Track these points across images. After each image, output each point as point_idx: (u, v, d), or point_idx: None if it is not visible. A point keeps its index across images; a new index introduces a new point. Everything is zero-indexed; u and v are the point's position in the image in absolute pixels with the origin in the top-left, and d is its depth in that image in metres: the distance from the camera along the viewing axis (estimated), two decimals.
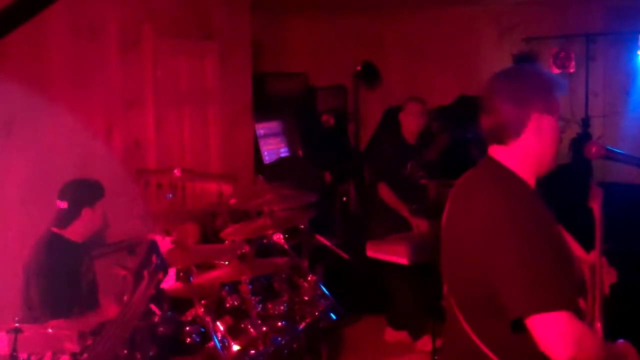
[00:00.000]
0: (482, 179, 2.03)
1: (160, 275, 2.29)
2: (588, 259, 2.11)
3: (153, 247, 2.30)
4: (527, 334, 1.80)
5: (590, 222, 2.20)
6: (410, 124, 5.08)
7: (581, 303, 2.00)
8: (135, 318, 2.12)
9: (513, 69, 2.12)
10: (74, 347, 2.73)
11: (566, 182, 2.04)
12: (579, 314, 1.89)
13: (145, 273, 2.21)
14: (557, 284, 1.79)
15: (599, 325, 1.99)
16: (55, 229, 3.45)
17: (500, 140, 1.99)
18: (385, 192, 5.02)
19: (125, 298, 2.23)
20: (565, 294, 1.80)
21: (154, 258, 2.28)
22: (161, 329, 2.91)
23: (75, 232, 3.47)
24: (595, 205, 2.21)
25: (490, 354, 1.90)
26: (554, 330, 1.73)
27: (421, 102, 5.13)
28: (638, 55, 5.96)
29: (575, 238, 2.23)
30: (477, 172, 2.08)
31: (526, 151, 1.96)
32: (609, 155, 2.11)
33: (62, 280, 3.35)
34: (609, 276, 2.19)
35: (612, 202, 2.36)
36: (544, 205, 1.94)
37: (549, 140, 1.96)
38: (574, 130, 6.14)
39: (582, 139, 6.01)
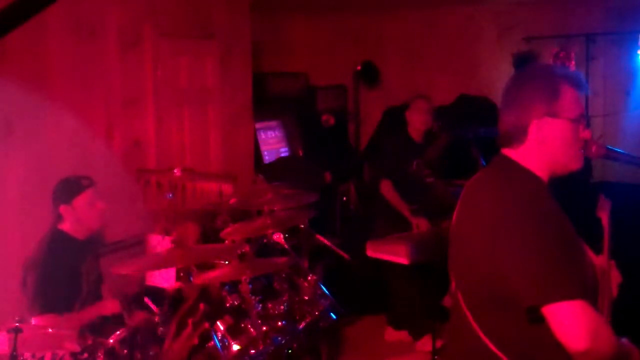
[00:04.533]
0: (495, 175, 2.06)
1: (207, 325, 2.14)
2: (597, 263, 2.12)
3: (203, 293, 2.13)
4: (535, 329, 1.81)
5: (590, 221, 2.21)
6: (417, 121, 5.11)
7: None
8: None
9: (519, 74, 2.13)
10: (74, 347, 2.73)
11: (566, 181, 2.04)
12: (595, 307, 1.90)
13: (190, 321, 2.08)
14: (575, 274, 1.80)
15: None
16: (59, 226, 3.49)
17: (508, 144, 2.04)
18: (387, 190, 5.03)
19: (165, 345, 2.10)
20: (582, 284, 1.81)
21: (201, 306, 2.14)
22: (161, 329, 2.90)
23: (70, 228, 3.49)
24: (604, 216, 2.23)
25: (496, 350, 1.91)
26: (571, 319, 1.74)
27: (427, 99, 5.18)
28: (638, 55, 5.96)
29: None
30: (490, 168, 2.11)
31: (533, 154, 1.99)
32: (609, 155, 2.11)
33: (59, 275, 3.35)
34: (615, 278, 2.20)
35: (612, 202, 2.36)
36: (557, 203, 1.96)
37: (556, 143, 1.97)
38: None
39: None
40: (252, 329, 3.03)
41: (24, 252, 3.51)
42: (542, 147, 1.97)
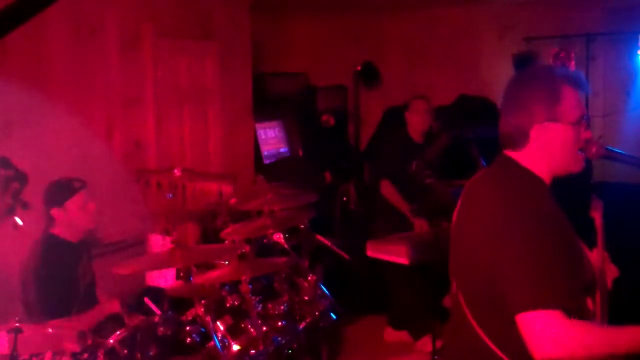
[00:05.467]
0: (496, 175, 2.07)
1: (17, 185, 2.20)
2: (592, 260, 2.12)
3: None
4: None
5: (589, 221, 2.21)
6: (417, 122, 5.11)
7: (589, 303, 2.00)
8: None
9: (520, 75, 2.12)
10: (74, 347, 2.72)
11: (566, 181, 2.04)
12: (583, 313, 1.90)
13: None
14: (553, 282, 1.79)
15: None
16: (51, 230, 3.46)
17: (509, 146, 2.04)
18: (387, 190, 5.03)
19: None
20: (559, 292, 1.79)
21: None
22: (161, 329, 2.91)
23: (63, 232, 3.47)
24: (597, 216, 2.23)
25: (497, 350, 1.91)
26: (535, 329, 1.75)
27: (426, 99, 5.18)
28: (638, 55, 5.96)
29: None
30: (491, 169, 2.11)
31: (535, 157, 1.99)
32: (609, 155, 2.11)
33: (56, 279, 3.35)
34: (611, 272, 2.20)
35: (612, 202, 2.36)
36: (557, 204, 1.95)
37: (557, 147, 1.97)
38: None
39: None
40: (252, 329, 3.03)
41: (24, 253, 3.50)
42: (544, 150, 1.97)
